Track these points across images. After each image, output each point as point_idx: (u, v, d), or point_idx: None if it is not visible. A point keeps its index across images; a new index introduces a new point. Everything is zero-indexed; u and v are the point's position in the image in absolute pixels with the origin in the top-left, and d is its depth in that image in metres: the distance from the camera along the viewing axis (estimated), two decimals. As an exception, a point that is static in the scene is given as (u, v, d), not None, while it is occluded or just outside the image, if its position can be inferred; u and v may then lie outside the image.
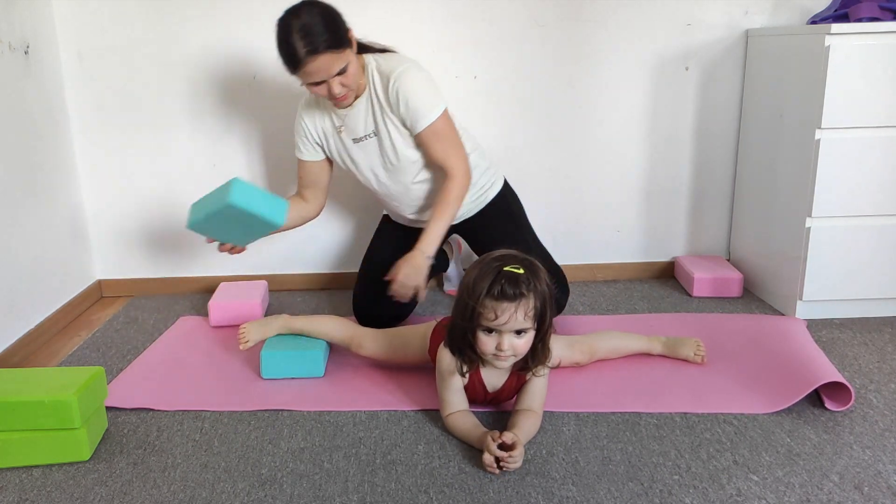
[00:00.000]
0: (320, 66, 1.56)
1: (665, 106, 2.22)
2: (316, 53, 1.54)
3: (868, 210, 1.86)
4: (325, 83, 1.60)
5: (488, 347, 1.29)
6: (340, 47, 1.57)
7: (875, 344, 1.79)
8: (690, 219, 2.34)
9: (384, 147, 1.76)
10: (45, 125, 1.99)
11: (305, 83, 1.63)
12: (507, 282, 1.24)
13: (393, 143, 1.75)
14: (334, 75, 1.59)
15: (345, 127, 1.77)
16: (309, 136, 1.82)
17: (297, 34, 1.54)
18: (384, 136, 1.75)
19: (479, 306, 1.25)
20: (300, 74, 1.59)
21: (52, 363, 1.79)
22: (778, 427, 1.40)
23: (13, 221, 1.82)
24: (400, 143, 1.74)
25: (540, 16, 2.12)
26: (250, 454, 1.34)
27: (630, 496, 1.20)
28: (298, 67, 1.57)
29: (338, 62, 1.58)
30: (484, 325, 1.27)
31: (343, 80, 1.62)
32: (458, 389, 1.39)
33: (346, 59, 1.60)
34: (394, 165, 1.78)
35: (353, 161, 1.82)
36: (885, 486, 1.21)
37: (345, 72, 1.60)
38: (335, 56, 1.57)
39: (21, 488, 1.25)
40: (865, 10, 1.83)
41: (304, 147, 1.84)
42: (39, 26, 1.98)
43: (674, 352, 1.68)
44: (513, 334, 1.27)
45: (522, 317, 1.26)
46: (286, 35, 1.55)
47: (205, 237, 1.74)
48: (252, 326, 1.71)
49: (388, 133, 1.74)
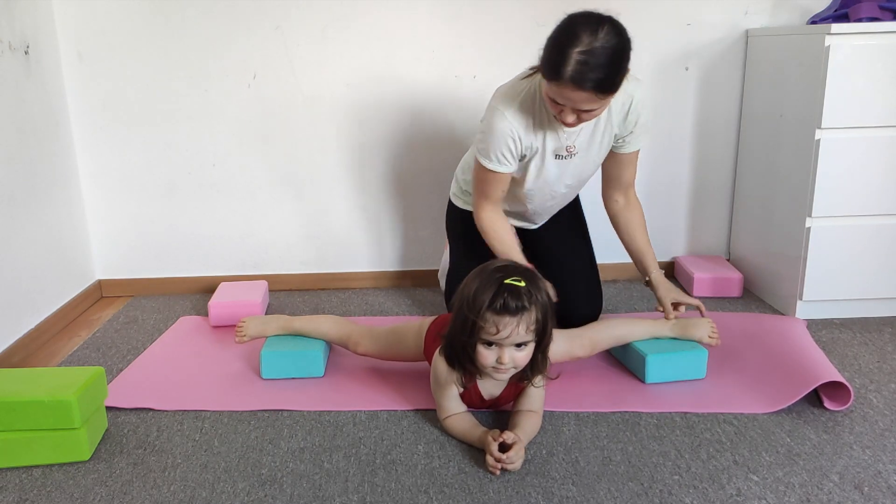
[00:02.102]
0: (575, 97, 1.39)
1: (665, 106, 2.22)
2: (580, 88, 1.36)
3: (868, 210, 1.86)
4: (563, 106, 1.44)
5: (488, 361, 1.27)
6: (609, 93, 1.40)
7: (875, 344, 1.79)
8: (690, 219, 2.34)
9: (585, 164, 1.66)
10: (45, 125, 1.99)
11: (547, 94, 1.45)
12: (509, 295, 1.22)
13: (595, 162, 1.67)
14: (579, 111, 1.43)
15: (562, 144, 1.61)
16: (519, 149, 1.59)
17: (576, 53, 1.34)
18: (592, 154, 1.64)
19: (479, 320, 1.23)
20: (549, 86, 1.42)
21: (52, 363, 1.79)
22: (778, 427, 1.40)
23: (13, 221, 1.82)
24: (598, 161, 1.69)
25: (540, 16, 2.12)
26: (250, 454, 1.34)
27: (630, 496, 1.20)
28: (553, 82, 1.39)
29: (593, 104, 1.41)
30: (484, 338, 1.25)
31: (584, 117, 1.46)
32: (454, 396, 1.38)
33: (604, 103, 1.43)
34: (580, 181, 1.73)
35: (544, 174, 1.66)
36: (885, 486, 1.21)
37: (591, 111, 1.44)
38: (597, 98, 1.40)
39: (21, 488, 1.25)
40: (865, 10, 1.83)
41: (508, 161, 1.60)
42: (40, 26, 1.98)
43: (685, 333, 1.62)
44: (513, 347, 1.26)
45: (524, 330, 1.24)
46: (567, 44, 1.35)
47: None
48: (251, 322, 1.71)
49: (597, 151, 1.64)
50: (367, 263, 2.32)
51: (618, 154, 1.67)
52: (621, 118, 1.61)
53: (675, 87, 2.21)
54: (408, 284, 2.32)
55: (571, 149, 1.63)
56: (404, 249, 2.32)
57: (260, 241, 2.28)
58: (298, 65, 2.13)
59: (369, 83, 2.15)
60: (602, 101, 1.43)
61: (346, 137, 2.20)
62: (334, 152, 2.22)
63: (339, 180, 2.24)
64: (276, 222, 2.27)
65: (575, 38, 1.35)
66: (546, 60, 1.41)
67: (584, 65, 1.34)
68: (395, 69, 2.14)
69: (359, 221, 2.28)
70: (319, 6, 2.09)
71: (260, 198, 2.24)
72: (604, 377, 1.62)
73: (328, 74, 2.14)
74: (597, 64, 1.34)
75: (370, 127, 2.19)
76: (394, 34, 2.12)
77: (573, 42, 1.35)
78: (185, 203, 2.23)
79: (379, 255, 2.32)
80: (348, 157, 2.22)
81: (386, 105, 2.17)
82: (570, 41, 1.35)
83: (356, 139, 2.21)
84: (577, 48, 1.34)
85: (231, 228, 2.26)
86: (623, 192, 1.74)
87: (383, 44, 2.13)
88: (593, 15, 1.38)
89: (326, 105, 2.17)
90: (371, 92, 2.16)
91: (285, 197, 2.24)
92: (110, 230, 2.24)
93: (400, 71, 2.15)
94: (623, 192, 1.74)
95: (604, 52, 1.34)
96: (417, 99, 2.17)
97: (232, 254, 2.28)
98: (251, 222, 2.26)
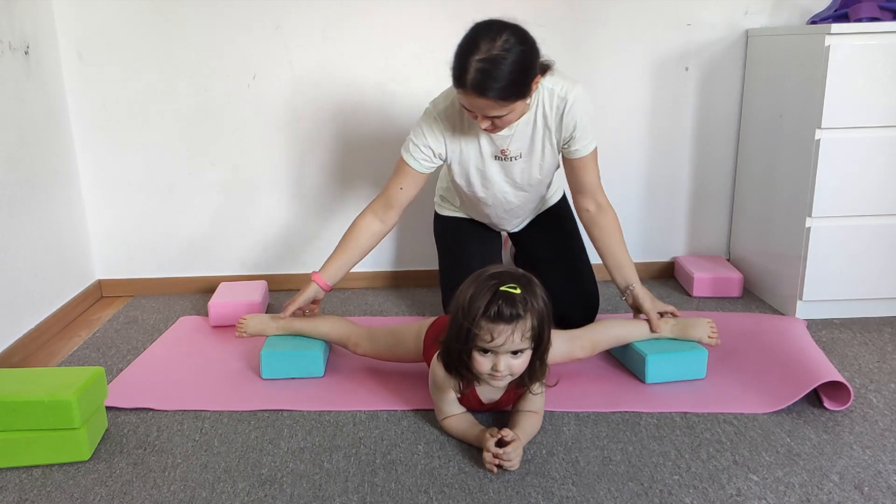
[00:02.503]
0: (479, 104, 1.43)
1: (665, 106, 2.22)
2: (481, 95, 1.40)
3: (868, 210, 1.86)
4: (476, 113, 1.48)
5: (484, 368, 1.25)
6: (511, 99, 1.42)
7: (875, 344, 1.79)
8: (690, 219, 2.34)
9: (530, 168, 1.68)
10: (45, 125, 1.99)
11: (460, 101, 1.49)
12: (504, 302, 1.20)
13: (541, 166, 1.68)
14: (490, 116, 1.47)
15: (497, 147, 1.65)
16: (439, 148, 1.63)
17: (477, 62, 1.37)
18: (535, 158, 1.66)
19: (474, 327, 1.21)
20: (458, 93, 1.46)
21: (52, 363, 1.79)
22: (778, 427, 1.40)
23: (13, 221, 1.82)
24: (548, 164, 1.69)
25: (540, 16, 2.12)
26: (250, 454, 1.34)
27: (630, 496, 1.20)
28: (459, 90, 1.44)
29: (499, 111, 1.44)
30: (480, 346, 1.24)
31: (497, 122, 1.49)
32: (452, 400, 1.38)
33: (511, 108, 1.45)
34: (531, 185, 1.73)
35: (486, 176, 1.70)
36: (885, 486, 1.21)
37: (502, 117, 1.47)
38: (499, 105, 1.42)
39: (21, 488, 1.25)
40: (865, 9, 1.83)
41: (424, 159, 1.64)
42: (40, 26, 1.98)
43: (684, 333, 1.62)
44: (509, 355, 1.24)
45: (520, 338, 1.22)
46: (468, 52, 1.39)
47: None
48: (252, 319, 1.71)
49: (541, 155, 1.66)
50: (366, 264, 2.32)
51: (571, 160, 1.66)
52: (557, 122, 1.61)
53: (675, 87, 2.21)
54: (407, 284, 2.32)
55: (507, 152, 1.65)
56: (404, 249, 2.32)
57: (260, 241, 2.28)
58: (298, 65, 2.13)
59: (369, 83, 2.15)
60: (510, 107, 1.44)
61: (346, 137, 2.20)
62: (334, 152, 2.22)
63: (339, 180, 2.24)
64: (275, 222, 2.27)
65: (475, 47, 1.38)
66: (453, 69, 1.44)
67: (483, 73, 1.37)
68: (396, 69, 2.14)
69: (359, 221, 2.28)
70: (319, 6, 2.09)
71: (260, 198, 2.24)
72: (604, 377, 1.62)
73: (328, 74, 2.14)
74: (496, 71, 1.37)
75: (370, 127, 2.19)
76: (394, 34, 2.12)
77: (473, 50, 1.38)
78: (185, 203, 2.23)
79: (379, 255, 2.31)
80: (348, 156, 2.22)
81: (386, 105, 2.17)
82: (471, 49, 1.38)
83: (356, 139, 2.20)
84: (477, 56, 1.37)
85: (231, 228, 2.26)
86: (591, 199, 1.68)
87: (383, 44, 2.13)
88: (495, 23, 1.41)
89: (326, 105, 2.17)
90: (371, 92, 2.16)
91: (285, 197, 2.24)
92: (110, 230, 2.24)
93: (400, 71, 2.15)
94: (591, 199, 1.68)
95: (502, 60, 1.37)
96: (418, 99, 2.16)
97: (232, 254, 2.28)
98: (251, 222, 2.26)
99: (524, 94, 1.45)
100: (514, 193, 1.76)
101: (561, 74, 1.62)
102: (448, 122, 1.63)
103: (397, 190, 1.68)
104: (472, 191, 1.75)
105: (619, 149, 2.25)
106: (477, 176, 1.71)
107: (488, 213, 1.83)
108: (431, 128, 1.63)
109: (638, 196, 2.30)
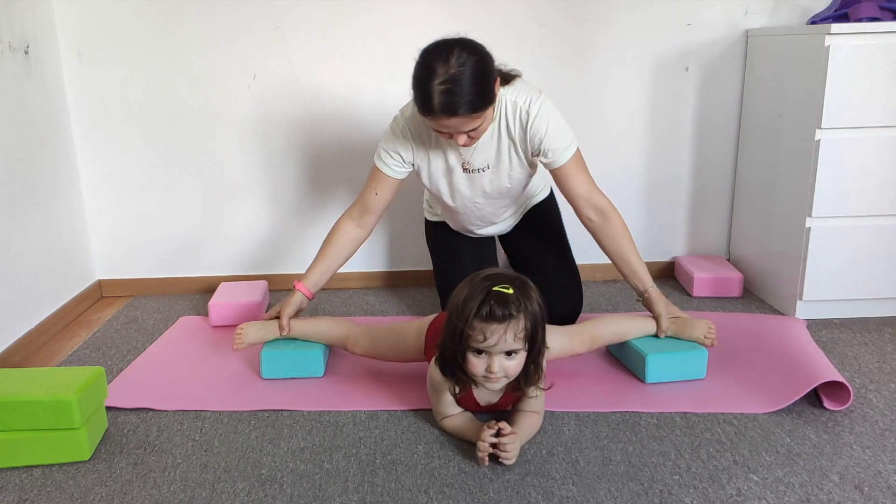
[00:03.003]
0: (452, 124, 1.45)
1: (665, 106, 2.22)
2: (453, 115, 1.42)
3: (868, 210, 1.86)
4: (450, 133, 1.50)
5: (478, 370, 1.25)
6: (481, 110, 1.45)
7: (875, 344, 1.79)
8: (690, 219, 2.34)
9: (499, 179, 1.69)
10: (45, 125, 1.99)
11: (430, 126, 1.53)
12: (496, 302, 1.20)
13: (510, 176, 1.69)
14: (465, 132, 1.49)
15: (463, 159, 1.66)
16: (409, 155, 1.66)
17: (437, 84, 1.40)
18: (503, 169, 1.67)
19: (467, 328, 1.22)
20: (427, 119, 1.49)
21: (52, 363, 1.79)
22: (778, 427, 1.40)
23: (13, 221, 1.82)
24: (517, 174, 1.69)
25: (540, 16, 2.12)
26: (250, 454, 1.34)
27: (630, 496, 1.20)
28: (428, 116, 1.46)
29: (473, 123, 1.47)
30: (473, 346, 1.24)
31: (472, 135, 1.51)
32: (450, 402, 1.38)
33: (483, 117, 1.48)
34: (500, 194, 1.74)
35: (454, 187, 1.72)
36: (885, 486, 1.21)
37: (476, 128, 1.50)
38: (472, 119, 1.45)
39: (21, 488, 1.25)
40: (865, 10, 1.83)
41: (395, 164, 1.67)
42: (39, 26, 1.98)
43: (682, 332, 1.62)
44: (503, 356, 1.24)
45: (512, 338, 1.22)
46: (427, 79, 1.41)
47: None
48: (249, 328, 1.67)
49: (508, 166, 1.67)
50: (366, 263, 2.32)
51: (553, 171, 1.65)
52: (521, 134, 1.61)
53: (675, 87, 2.21)
54: (407, 284, 2.32)
55: (469, 164, 1.67)
56: (405, 249, 2.32)
57: (260, 241, 2.28)
58: (298, 65, 2.13)
59: (369, 83, 2.15)
60: (482, 117, 1.47)
61: (346, 137, 2.20)
62: (334, 152, 2.22)
63: (338, 180, 2.24)
64: (275, 222, 2.27)
65: (432, 72, 1.41)
66: (416, 99, 1.46)
67: (448, 94, 1.40)
68: (395, 69, 2.14)
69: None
70: (319, 6, 2.09)
71: (260, 198, 2.24)
72: (604, 377, 1.62)
73: (328, 74, 2.14)
74: (461, 90, 1.40)
75: (370, 127, 2.19)
76: (394, 34, 2.12)
77: (431, 76, 1.40)
78: (185, 203, 2.23)
79: (379, 255, 2.32)
80: (348, 156, 2.22)
81: (386, 105, 2.17)
82: (429, 75, 1.41)
83: (356, 139, 2.20)
84: (436, 80, 1.40)
85: (231, 228, 2.26)
86: (589, 206, 1.66)
87: (383, 44, 2.13)
88: (441, 43, 1.44)
89: (326, 105, 2.17)
90: (371, 92, 2.16)
91: (285, 197, 2.24)
92: (110, 230, 2.23)
93: (400, 71, 2.14)
94: (589, 206, 1.66)
95: (461, 76, 1.40)
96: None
97: (232, 254, 2.28)
98: (251, 222, 2.26)
99: (491, 100, 1.48)
100: (485, 203, 1.77)
101: (525, 85, 1.62)
102: (415, 130, 1.65)
103: (373, 195, 1.70)
104: (443, 200, 1.77)
105: (619, 149, 2.25)
106: (446, 185, 1.73)
107: (461, 220, 1.85)
108: (399, 136, 1.65)
109: (638, 196, 2.30)
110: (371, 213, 1.71)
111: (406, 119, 1.65)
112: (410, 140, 1.65)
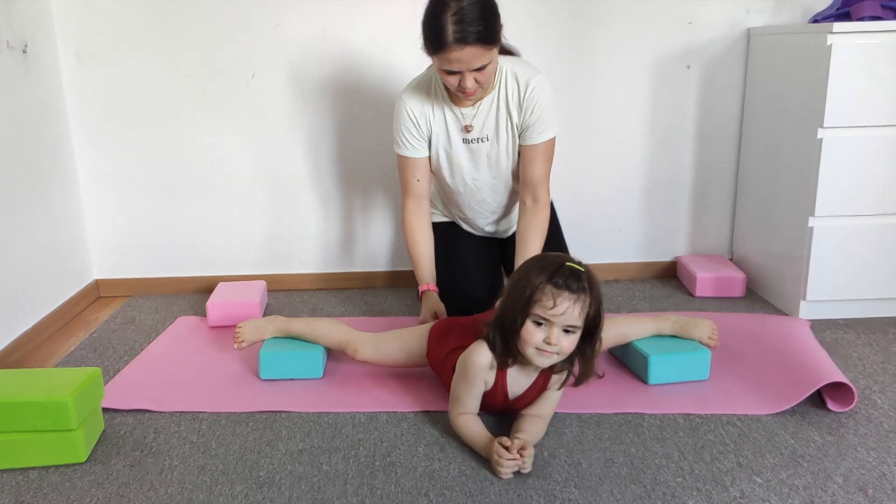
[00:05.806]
0: (464, 56, 1.49)
1: (667, 105, 2.21)
2: (465, 44, 1.47)
3: (871, 209, 1.85)
4: (459, 74, 1.53)
5: (536, 338, 1.25)
6: (490, 43, 1.50)
7: (879, 344, 1.78)
8: (693, 218, 2.33)
9: (497, 153, 1.72)
10: (43, 124, 1.98)
11: (440, 68, 1.55)
12: (570, 274, 1.23)
13: (507, 149, 1.71)
14: (474, 70, 1.52)
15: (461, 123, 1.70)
16: (419, 128, 1.71)
17: (450, 16, 1.46)
18: (501, 141, 1.71)
19: (538, 292, 1.22)
20: (439, 58, 1.52)
21: (49, 363, 1.78)
22: (782, 429, 1.39)
23: (11, 220, 1.81)
24: (513, 150, 1.72)
25: (540, 15, 2.11)
26: (248, 456, 1.33)
27: (633, 498, 1.19)
28: (440, 52, 1.49)
29: (483, 58, 1.51)
30: (538, 313, 1.23)
31: (479, 77, 1.54)
32: (475, 395, 1.35)
33: (492, 56, 1.53)
34: (499, 170, 1.75)
35: (454, 161, 1.75)
36: (889, 488, 1.20)
37: (484, 68, 1.53)
38: (482, 51, 1.50)
39: (17, 490, 1.24)
40: (867, 8, 1.82)
41: (414, 142, 1.72)
42: (38, 25, 1.97)
43: (685, 332, 1.62)
44: (562, 331, 1.25)
45: (577, 313, 1.23)
46: (438, 12, 1.47)
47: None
48: (248, 327, 1.67)
49: (507, 138, 1.70)
50: (366, 263, 2.31)
51: (523, 146, 1.69)
52: (517, 104, 1.67)
53: (677, 86, 2.20)
54: (407, 284, 2.31)
55: (471, 128, 1.69)
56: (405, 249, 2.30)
57: (259, 241, 2.27)
58: (298, 65, 2.12)
59: (369, 83, 2.14)
60: (489, 54, 1.52)
61: (346, 137, 2.19)
62: (334, 152, 2.21)
63: (338, 180, 2.23)
64: (274, 222, 2.26)
65: (443, 6, 1.48)
66: (427, 37, 1.52)
67: (460, 23, 1.46)
68: (396, 69, 2.13)
69: (357, 221, 2.27)
70: (319, 6, 2.08)
71: (259, 197, 2.23)
72: (606, 378, 1.59)
73: (328, 74, 2.13)
74: (472, 18, 1.47)
75: (370, 127, 2.18)
76: (394, 34, 2.11)
77: (443, 9, 1.47)
78: (183, 203, 2.22)
79: (379, 255, 2.31)
80: (348, 156, 2.21)
81: (386, 105, 2.15)
82: (441, 10, 1.48)
83: (356, 139, 2.19)
84: (449, 12, 1.47)
85: (230, 228, 2.25)
86: (531, 193, 1.70)
87: (383, 43, 2.12)
88: None
89: (326, 105, 2.16)
90: (371, 92, 2.15)
91: (284, 197, 2.23)
92: (108, 230, 2.22)
93: (400, 71, 2.13)
94: (531, 193, 1.70)
95: (473, 7, 1.47)
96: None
97: (230, 254, 2.27)
98: (250, 222, 2.25)
99: (498, 40, 1.54)
100: (483, 182, 1.78)
101: (526, 62, 1.68)
102: (417, 103, 1.70)
103: (415, 182, 1.77)
104: (442, 175, 1.80)
105: (620, 148, 2.24)
106: (445, 159, 1.76)
107: (460, 203, 1.85)
108: (404, 115, 1.71)
109: (640, 195, 2.29)
110: (424, 197, 1.79)
111: (407, 95, 1.71)
112: (413, 113, 1.70)
